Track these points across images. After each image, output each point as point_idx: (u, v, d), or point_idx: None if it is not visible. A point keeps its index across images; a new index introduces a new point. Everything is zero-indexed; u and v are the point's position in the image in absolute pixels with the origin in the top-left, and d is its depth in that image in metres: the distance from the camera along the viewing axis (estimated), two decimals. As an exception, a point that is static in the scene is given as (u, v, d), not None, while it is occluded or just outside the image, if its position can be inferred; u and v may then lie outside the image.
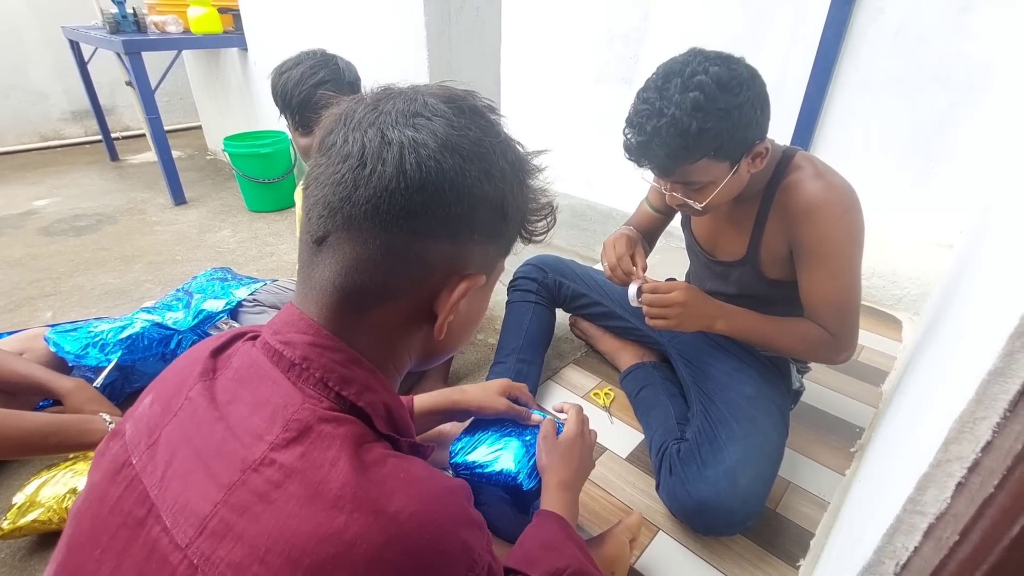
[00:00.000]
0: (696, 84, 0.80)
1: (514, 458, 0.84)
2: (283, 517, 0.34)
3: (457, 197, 0.40)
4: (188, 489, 0.37)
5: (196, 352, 0.47)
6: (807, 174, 0.94)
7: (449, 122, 0.41)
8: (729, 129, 0.82)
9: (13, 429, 0.87)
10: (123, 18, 2.49)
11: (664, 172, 0.90)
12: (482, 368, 1.43)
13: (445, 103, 0.42)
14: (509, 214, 0.45)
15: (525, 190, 0.47)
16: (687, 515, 0.99)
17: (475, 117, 0.43)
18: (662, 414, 1.19)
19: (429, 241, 0.41)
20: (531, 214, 0.49)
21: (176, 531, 0.35)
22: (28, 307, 1.69)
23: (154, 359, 1.21)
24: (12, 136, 3.41)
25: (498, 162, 0.43)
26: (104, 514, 0.39)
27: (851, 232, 0.91)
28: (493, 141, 0.43)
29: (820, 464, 1.18)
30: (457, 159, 0.40)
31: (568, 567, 0.64)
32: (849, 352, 0.99)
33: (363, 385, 0.42)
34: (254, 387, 0.41)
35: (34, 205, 2.52)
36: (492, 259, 0.48)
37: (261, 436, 0.37)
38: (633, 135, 0.88)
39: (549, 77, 2.63)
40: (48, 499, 0.91)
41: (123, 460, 0.41)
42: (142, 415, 0.44)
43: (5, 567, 0.92)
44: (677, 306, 0.98)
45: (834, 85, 1.87)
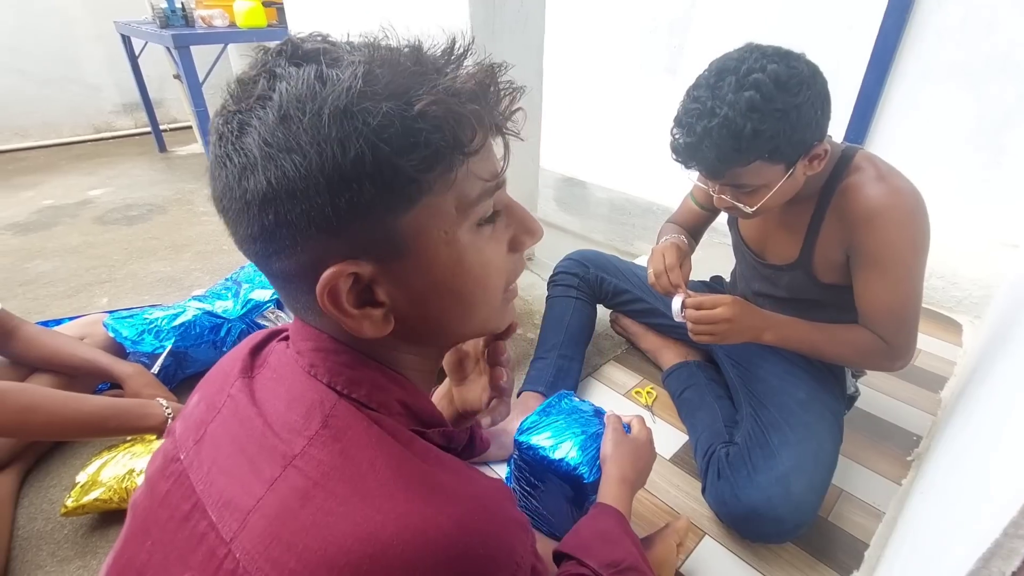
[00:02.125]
0: (752, 83, 0.76)
1: (578, 448, 0.85)
2: (321, 515, 0.33)
3: (247, 212, 0.35)
4: (232, 484, 0.37)
5: (237, 351, 0.48)
6: (869, 176, 0.89)
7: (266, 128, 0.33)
8: (786, 131, 0.78)
9: (77, 412, 0.90)
10: (172, 12, 2.56)
11: (713, 174, 0.86)
12: (522, 363, 1.43)
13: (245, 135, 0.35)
14: (321, 184, 0.32)
15: (349, 123, 0.32)
16: (735, 521, 0.96)
17: (245, 90, 0.35)
18: (708, 416, 1.16)
19: (277, 259, 0.37)
20: (434, 119, 0.33)
21: (221, 525, 0.36)
22: (85, 293, 1.76)
23: (205, 346, 1.25)
24: (67, 128, 3.56)
25: (254, 144, 0.33)
26: (155, 507, 0.40)
27: (915, 239, 0.86)
28: (259, 113, 0.33)
29: (874, 472, 1.14)
30: (221, 171, 0.35)
31: (624, 561, 0.63)
32: (905, 361, 0.94)
33: (372, 385, 0.41)
34: (289, 384, 0.41)
35: (89, 195, 2.63)
36: (363, 235, 0.35)
37: (299, 431, 0.37)
38: (682, 135, 0.83)
39: (591, 68, 2.59)
40: (109, 479, 0.95)
41: (172, 456, 0.42)
42: (190, 413, 0.45)
43: (68, 542, 0.97)
44: (723, 322, 0.95)
45: (893, 75, 1.78)
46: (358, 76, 0.32)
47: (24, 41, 3.25)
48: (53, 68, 3.39)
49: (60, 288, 1.79)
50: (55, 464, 1.11)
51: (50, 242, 2.12)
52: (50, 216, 2.37)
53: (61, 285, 1.81)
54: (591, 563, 0.62)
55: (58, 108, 3.49)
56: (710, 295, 0.97)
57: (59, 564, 0.93)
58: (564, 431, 0.88)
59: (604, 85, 2.58)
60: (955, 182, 1.75)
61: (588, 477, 0.82)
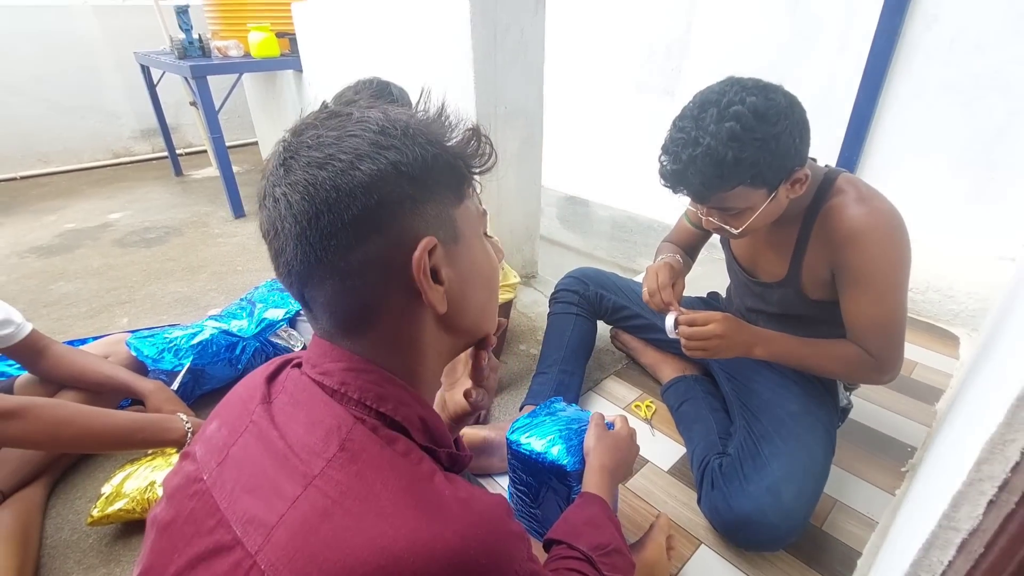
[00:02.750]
0: (732, 115, 0.81)
1: (560, 441, 0.91)
2: (339, 530, 0.37)
3: (349, 196, 0.41)
4: (256, 502, 0.40)
5: (253, 380, 0.52)
6: (850, 198, 0.93)
7: (309, 146, 0.42)
8: (766, 158, 0.82)
9: (105, 426, 0.96)
10: (190, 44, 2.68)
11: (699, 199, 0.91)
12: (524, 378, 1.47)
13: (304, 132, 0.44)
14: (413, 173, 0.43)
15: (420, 139, 0.44)
16: (729, 529, 0.99)
17: (330, 121, 0.44)
18: (704, 428, 1.19)
19: (361, 245, 0.42)
20: (459, 152, 0.47)
21: (246, 539, 0.39)
22: (107, 314, 1.84)
23: (222, 364, 1.31)
24: (88, 153, 3.70)
25: (364, 141, 0.42)
26: (180, 523, 0.44)
27: (896, 257, 0.90)
28: (352, 129, 0.43)
29: (869, 483, 1.16)
30: (326, 169, 0.41)
31: (610, 544, 0.69)
32: (892, 374, 0.97)
33: (397, 401, 0.46)
34: (307, 409, 0.45)
35: (109, 218, 2.73)
36: (437, 217, 0.45)
37: (319, 453, 0.41)
38: (668, 162, 0.88)
39: (591, 90, 2.67)
40: (132, 491, 1.01)
41: (195, 476, 0.46)
42: (210, 437, 0.49)
43: (93, 551, 1.02)
44: (715, 338, 0.98)
45: (885, 94, 1.83)
46: (417, 114, 0.47)
47: (48, 71, 3.40)
48: (75, 97, 3.54)
49: (82, 309, 1.87)
50: (80, 477, 1.16)
51: (72, 264, 2.21)
52: (72, 239, 2.47)
53: (83, 306, 1.89)
54: (580, 546, 0.67)
55: (79, 135, 3.63)
56: (702, 312, 1.01)
57: (85, 572, 0.98)
58: (549, 429, 0.94)
59: (604, 106, 2.65)
60: (950, 196, 1.78)
61: (570, 467, 0.87)
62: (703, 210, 0.95)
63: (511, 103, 1.65)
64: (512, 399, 1.41)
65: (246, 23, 2.70)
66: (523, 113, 1.70)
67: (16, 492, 1.05)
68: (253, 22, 2.68)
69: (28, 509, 1.03)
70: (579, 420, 0.96)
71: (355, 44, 2.23)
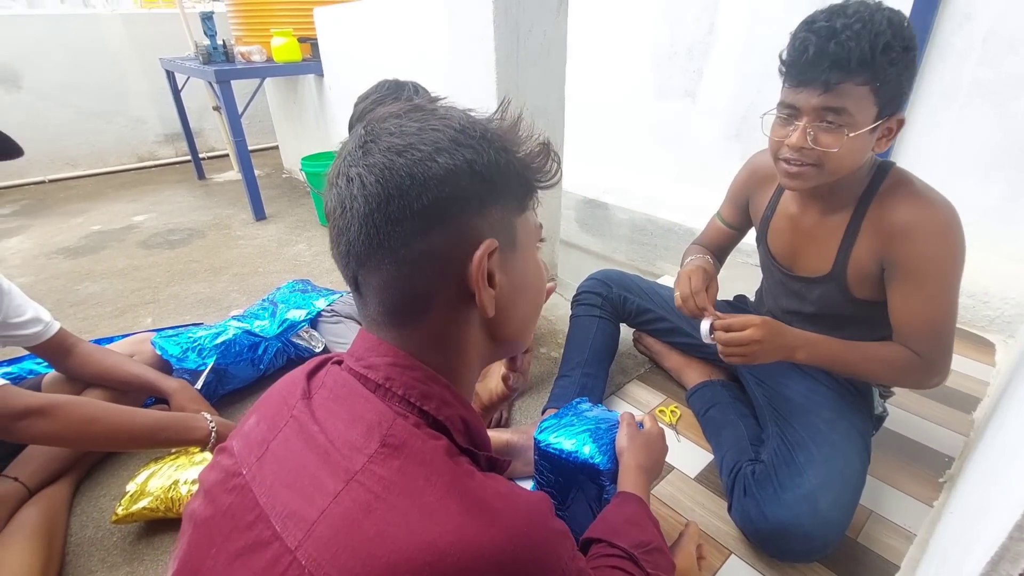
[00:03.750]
0: (885, 9, 0.78)
1: (591, 440, 0.89)
2: (383, 525, 0.36)
3: (422, 186, 0.41)
4: (296, 496, 0.40)
5: (294, 376, 0.52)
6: (905, 190, 0.90)
7: (390, 132, 0.43)
8: (899, 67, 0.78)
9: (132, 424, 0.97)
10: (214, 50, 2.72)
11: (828, 82, 0.79)
12: (547, 381, 1.45)
13: (386, 120, 0.45)
14: (487, 174, 0.44)
15: (496, 144, 0.45)
16: (762, 538, 0.96)
17: (413, 112, 0.45)
18: (733, 434, 1.16)
19: (425, 236, 0.42)
20: (528, 164, 0.48)
21: (286, 534, 0.38)
22: (131, 313, 1.86)
23: (244, 363, 1.31)
24: (114, 157, 3.78)
25: (444, 136, 0.43)
26: (218, 518, 0.44)
27: (952, 253, 0.87)
28: (434, 123, 0.44)
29: (905, 494, 1.12)
30: (404, 157, 0.42)
31: (651, 542, 0.68)
32: (942, 377, 0.94)
33: (441, 400, 0.45)
34: (349, 404, 0.45)
35: (133, 220, 2.78)
36: (500, 221, 0.46)
37: (360, 449, 0.41)
38: (815, 24, 0.80)
39: (613, 92, 2.65)
40: (155, 489, 1.01)
41: (234, 471, 0.46)
42: (249, 431, 0.49)
43: (117, 549, 1.02)
44: (753, 343, 0.94)
45: (916, 94, 1.79)
46: (495, 120, 0.48)
47: (77, 78, 3.48)
48: (102, 102, 3.62)
49: (108, 309, 1.89)
50: (105, 475, 1.17)
51: (98, 265, 2.25)
52: (98, 241, 2.51)
53: (108, 306, 1.91)
54: (621, 544, 0.66)
55: (106, 139, 3.71)
56: (739, 316, 0.97)
57: (108, 570, 0.98)
58: (578, 428, 0.92)
59: (625, 109, 2.63)
60: (983, 201, 1.73)
61: (603, 465, 0.85)
62: (802, 119, 0.84)
63: (532, 104, 1.64)
64: (534, 402, 1.39)
65: (269, 29, 2.74)
66: (544, 114, 1.69)
67: (42, 489, 1.06)
68: (276, 27, 2.71)
69: (54, 506, 1.04)
70: (607, 420, 0.94)
71: (376, 47, 2.25)
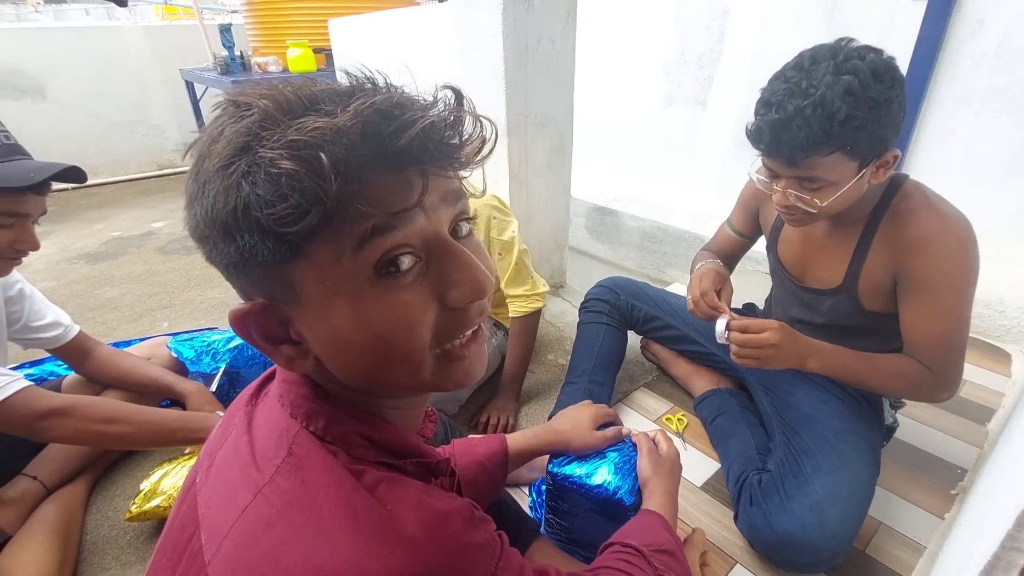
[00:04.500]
0: (851, 68, 0.76)
1: (613, 472, 0.86)
2: (276, 544, 0.34)
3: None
4: (219, 509, 0.39)
5: (254, 381, 0.50)
6: (919, 203, 0.89)
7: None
8: (874, 123, 0.77)
9: (149, 423, 1.00)
10: (232, 60, 2.80)
11: (792, 160, 0.82)
12: (553, 388, 1.46)
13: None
14: (206, 233, 0.35)
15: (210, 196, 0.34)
16: (768, 548, 0.96)
17: None
18: (741, 443, 1.16)
19: (231, 277, 0.39)
20: (252, 203, 0.33)
21: (206, 548, 0.37)
22: (148, 317, 1.90)
23: (256, 368, 1.34)
24: (134, 165, 3.87)
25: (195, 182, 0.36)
26: (174, 526, 0.43)
27: (965, 267, 0.86)
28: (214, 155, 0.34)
29: (915, 505, 1.11)
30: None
31: (664, 545, 0.65)
32: (952, 391, 0.93)
33: (330, 419, 0.41)
34: (270, 412, 0.43)
35: (152, 227, 2.84)
36: (263, 279, 0.37)
37: (270, 459, 0.39)
38: (768, 114, 0.81)
39: (622, 99, 2.67)
40: (167, 488, 1.03)
41: (192, 479, 0.45)
42: (210, 439, 0.48)
43: (131, 548, 1.04)
44: (769, 347, 0.93)
45: (928, 102, 1.78)
46: (240, 130, 0.33)
47: (101, 88, 3.58)
48: (124, 112, 3.72)
49: (126, 312, 1.94)
50: (119, 476, 1.20)
51: (118, 270, 2.30)
52: (118, 246, 2.58)
53: (127, 310, 1.96)
54: (633, 542, 0.64)
55: (126, 148, 3.80)
56: (756, 319, 0.97)
57: (122, 568, 1.00)
58: (596, 457, 0.89)
59: (634, 116, 2.64)
60: (999, 209, 1.71)
61: (628, 500, 0.82)
62: (781, 183, 0.88)
63: (541, 113, 1.66)
64: (540, 409, 1.40)
65: (285, 40, 2.80)
66: (553, 123, 1.71)
67: (60, 488, 1.08)
68: (292, 39, 2.77)
69: (71, 504, 1.06)
70: (624, 444, 0.91)
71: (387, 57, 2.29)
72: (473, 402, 1.39)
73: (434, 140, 0.35)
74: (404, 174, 0.35)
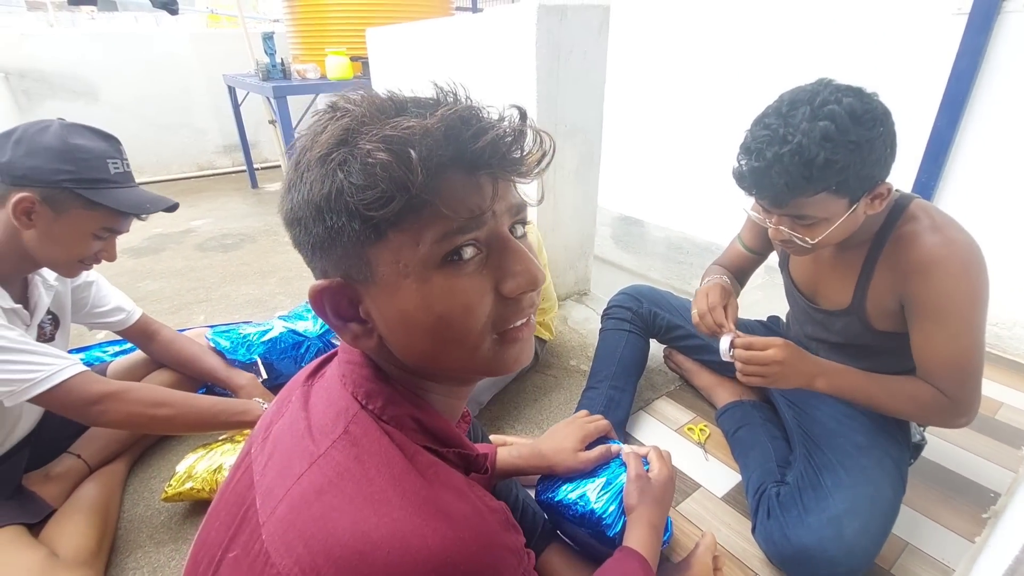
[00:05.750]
0: (827, 113, 0.76)
1: (598, 497, 0.85)
2: (327, 509, 0.37)
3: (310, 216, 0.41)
4: (276, 476, 0.42)
5: (312, 363, 0.54)
6: (923, 226, 0.88)
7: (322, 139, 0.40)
8: (856, 164, 0.77)
9: (194, 407, 1.05)
10: (273, 67, 2.89)
11: (777, 203, 0.84)
12: (574, 393, 1.47)
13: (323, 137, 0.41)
14: (299, 214, 0.41)
15: (309, 181, 0.40)
16: (785, 561, 0.95)
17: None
18: (761, 455, 1.15)
19: (314, 257, 0.43)
20: (360, 185, 0.38)
21: (261, 511, 0.40)
22: (186, 311, 1.98)
23: (288, 360, 1.39)
24: (176, 166, 4.03)
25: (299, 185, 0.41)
26: (228, 492, 0.47)
27: (972, 291, 0.84)
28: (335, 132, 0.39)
29: (944, 527, 1.08)
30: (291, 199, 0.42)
31: None
32: (969, 417, 0.90)
33: (386, 399, 0.45)
34: (329, 391, 0.47)
35: (191, 225, 2.95)
36: (344, 258, 0.41)
37: (327, 433, 0.42)
38: (749, 161, 0.82)
39: (650, 109, 2.67)
40: (202, 472, 1.08)
41: (247, 449, 0.49)
42: (266, 414, 0.52)
43: (164, 528, 1.09)
44: (774, 364, 0.93)
45: (967, 117, 1.74)
46: (340, 127, 0.39)
47: (149, 92, 3.75)
48: (169, 115, 3.88)
49: (165, 305, 2.02)
50: (156, 459, 1.25)
51: (158, 265, 2.40)
52: (159, 242, 2.69)
53: (166, 303, 2.04)
54: None
55: (170, 149, 3.96)
56: (761, 337, 0.96)
57: (156, 546, 1.05)
58: (583, 479, 0.89)
59: (662, 126, 2.64)
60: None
61: (611, 531, 0.82)
62: (773, 219, 0.89)
63: (571, 121, 1.68)
64: (561, 414, 1.41)
65: (324, 48, 2.89)
66: (582, 131, 1.73)
67: (101, 467, 1.14)
68: (331, 47, 2.86)
69: (111, 483, 1.12)
70: (614, 462, 0.90)
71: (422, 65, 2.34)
72: (489, 406, 1.41)
73: (503, 149, 0.40)
74: (476, 176, 0.40)
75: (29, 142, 0.87)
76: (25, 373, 0.87)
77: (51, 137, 0.88)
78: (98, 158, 0.91)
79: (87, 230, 0.94)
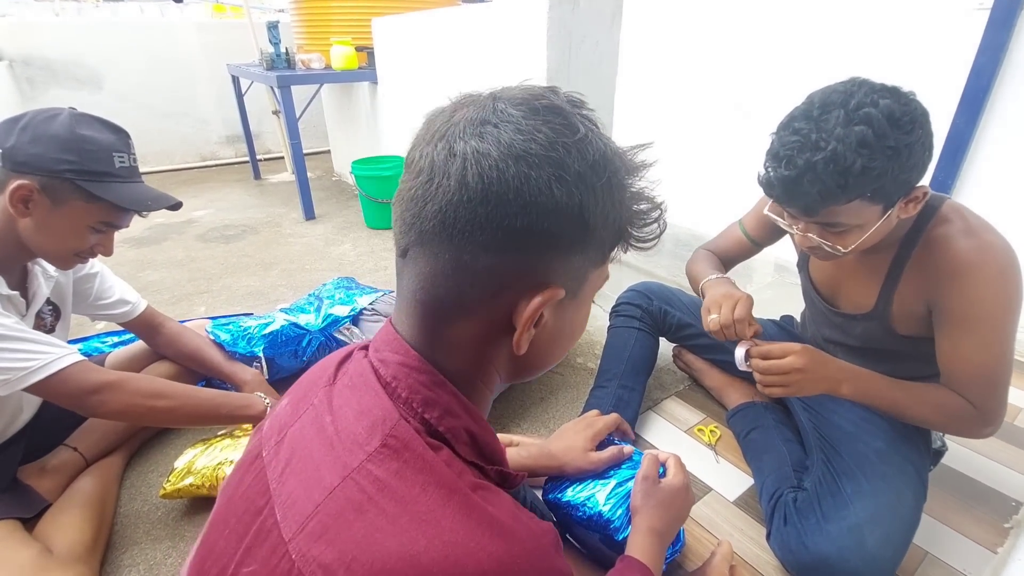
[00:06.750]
0: (863, 117, 0.71)
1: (607, 500, 0.83)
2: (372, 529, 0.35)
3: (523, 207, 0.37)
4: (299, 487, 0.39)
5: (327, 360, 0.50)
6: (956, 228, 0.83)
7: (517, 126, 0.37)
8: (895, 170, 0.72)
9: (194, 399, 1.02)
10: (277, 57, 2.86)
11: (809, 212, 0.79)
12: (582, 392, 1.43)
13: (517, 106, 0.38)
14: (592, 222, 0.39)
15: (615, 193, 0.40)
16: (802, 570, 0.91)
17: (549, 116, 0.38)
18: (776, 459, 1.11)
19: (498, 254, 0.38)
20: (632, 218, 0.43)
21: (284, 525, 0.38)
22: (186, 302, 1.95)
23: (288, 355, 1.35)
24: (179, 156, 3.99)
25: (573, 165, 0.37)
26: (236, 498, 0.44)
27: (1006, 298, 0.80)
28: (567, 142, 0.38)
29: (965, 536, 1.04)
30: (522, 167, 0.36)
31: None
32: (995, 428, 0.87)
33: (445, 409, 0.42)
34: (360, 395, 0.43)
35: (193, 215, 2.92)
36: (577, 271, 0.42)
37: (361, 445, 0.39)
38: (778, 169, 0.77)
39: (660, 104, 2.63)
40: (202, 467, 1.05)
41: (257, 452, 0.46)
42: (278, 414, 0.49)
43: (161, 524, 1.06)
44: (794, 372, 0.88)
45: (987, 117, 1.70)
46: (607, 145, 0.41)
47: (152, 80, 3.71)
48: (172, 104, 3.84)
49: (166, 296, 1.99)
50: (154, 453, 1.23)
51: (159, 255, 2.38)
52: (160, 232, 2.66)
53: (167, 293, 2.01)
54: None
55: (173, 139, 3.93)
56: (778, 343, 0.91)
57: (152, 542, 1.02)
58: (594, 480, 0.86)
59: (672, 121, 2.60)
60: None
61: (618, 536, 0.79)
62: (800, 226, 0.85)
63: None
64: (569, 413, 1.37)
65: (329, 38, 2.85)
66: (593, 125, 1.69)
67: (98, 460, 1.11)
68: (336, 36, 2.82)
69: (107, 477, 1.09)
70: (628, 464, 0.88)
71: (429, 56, 2.31)
72: (495, 405, 1.38)
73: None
74: None
75: (35, 129, 0.84)
76: (21, 361, 0.84)
77: (58, 126, 0.85)
78: (104, 150, 0.89)
79: (84, 223, 0.91)
